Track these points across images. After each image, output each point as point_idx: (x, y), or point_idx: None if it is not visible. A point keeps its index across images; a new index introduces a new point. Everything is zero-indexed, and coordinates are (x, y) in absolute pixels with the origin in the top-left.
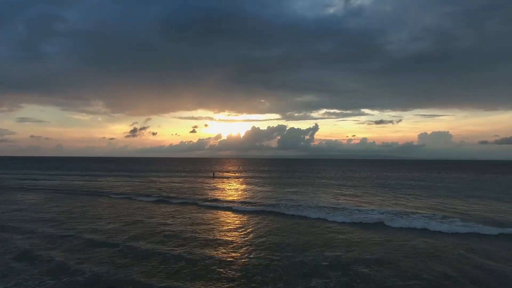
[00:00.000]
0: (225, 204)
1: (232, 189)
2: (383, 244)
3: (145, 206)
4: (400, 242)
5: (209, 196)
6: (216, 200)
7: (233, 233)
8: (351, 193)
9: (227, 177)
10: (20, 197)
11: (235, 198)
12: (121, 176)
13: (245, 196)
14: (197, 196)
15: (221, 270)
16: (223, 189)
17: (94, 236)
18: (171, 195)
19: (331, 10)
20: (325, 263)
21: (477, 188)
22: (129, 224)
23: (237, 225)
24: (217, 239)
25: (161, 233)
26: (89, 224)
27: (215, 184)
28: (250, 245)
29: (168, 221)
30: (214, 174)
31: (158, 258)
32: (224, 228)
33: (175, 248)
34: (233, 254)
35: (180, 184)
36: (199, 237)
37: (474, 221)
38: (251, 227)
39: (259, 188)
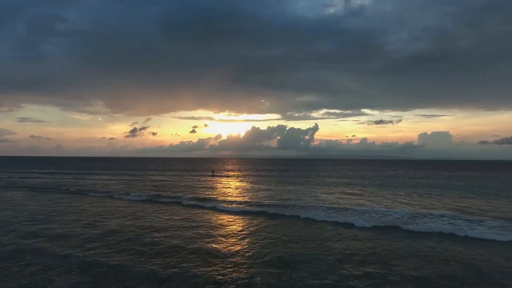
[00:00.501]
0: (220, 204)
1: (230, 187)
2: (413, 254)
3: (124, 205)
4: (433, 250)
5: (205, 195)
6: (212, 200)
7: (227, 239)
8: (357, 192)
9: (226, 176)
10: None
11: (233, 197)
12: (117, 174)
13: (244, 195)
14: (191, 194)
15: None
16: (222, 188)
17: (35, 240)
18: (163, 193)
19: (331, 10)
20: (352, 283)
21: (483, 186)
22: (88, 226)
23: (233, 229)
24: (204, 247)
25: (119, 236)
26: (44, 225)
27: (213, 183)
28: (248, 257)
29: (140, 222)
30: (213, 172)
31: (94, 272)
32: (216, 232)
33: (131, 257)
34: (225, 270)
35: (177, 182)
36: (176, 244)
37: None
38: (249, 232)
39: (259, 187)
